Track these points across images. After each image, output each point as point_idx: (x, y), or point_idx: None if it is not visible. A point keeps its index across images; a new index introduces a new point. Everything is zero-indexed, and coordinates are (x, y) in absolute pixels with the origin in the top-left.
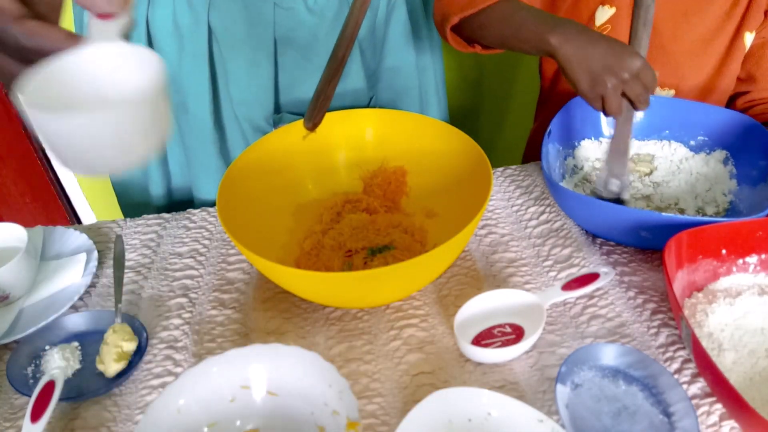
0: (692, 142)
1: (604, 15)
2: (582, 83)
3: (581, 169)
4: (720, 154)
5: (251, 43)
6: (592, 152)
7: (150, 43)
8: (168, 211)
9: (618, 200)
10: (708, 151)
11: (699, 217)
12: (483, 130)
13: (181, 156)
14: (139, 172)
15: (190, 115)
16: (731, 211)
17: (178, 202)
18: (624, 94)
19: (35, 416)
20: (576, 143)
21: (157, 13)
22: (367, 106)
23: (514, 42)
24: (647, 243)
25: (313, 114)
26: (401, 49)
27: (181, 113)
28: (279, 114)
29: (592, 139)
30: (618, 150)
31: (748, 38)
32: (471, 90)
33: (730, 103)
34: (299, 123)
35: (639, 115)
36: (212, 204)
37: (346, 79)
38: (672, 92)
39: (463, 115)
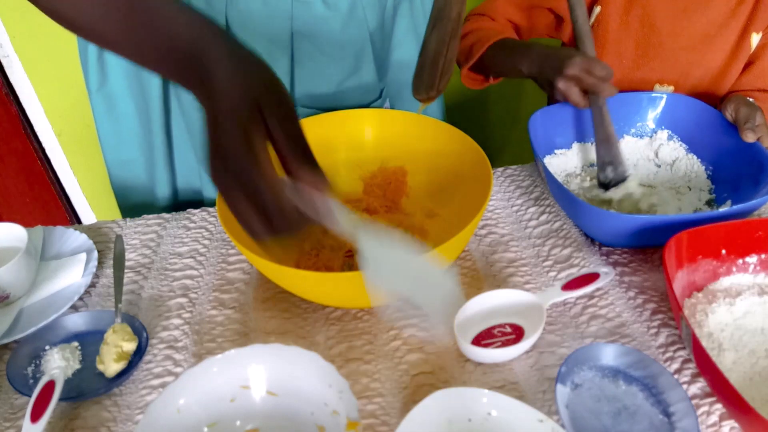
0: (633, 130)
1: (593, 14)
2: (551, 91)
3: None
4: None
5: (268, 37)
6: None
7: None
8: (170, 213)
9: (622, 182)
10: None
11: (698, 214)
12: (489, 129)
13: (190, 155)
14: (144, 175)
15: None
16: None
17: (185, 203)
18: (583, 89)
19: (35, 416)
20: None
21: None
22: (379, 97)
23: (508, 75)
24: (648, 243)
25: (435, 81)
26: (406, 43)
27: (195, 111)
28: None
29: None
30: (601, 139)
31: (755, 39)
32: (476, 90)
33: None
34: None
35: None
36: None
37: (359, 71)
38: (671, 88)
39: (468, 114)
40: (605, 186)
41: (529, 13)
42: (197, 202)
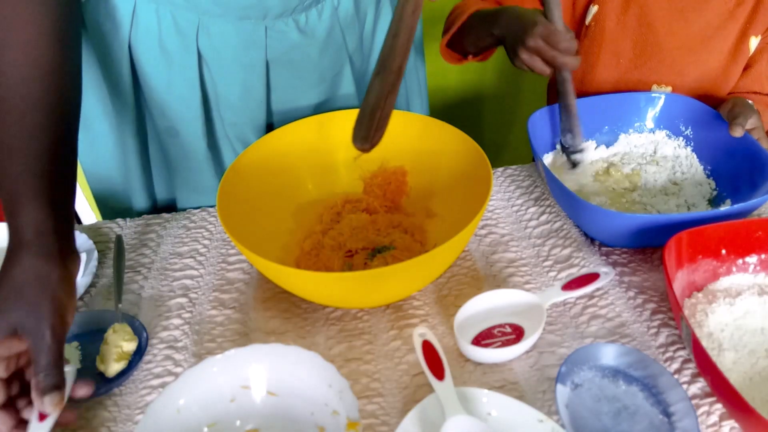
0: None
1: (590, 14)
2: (511, 58)
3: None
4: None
5: (243, 66)
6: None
7: (133, 69)
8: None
9: (576, 153)
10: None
11: (697, 213)
12: (489, 129)
13: (167, 177)
14: (122, 190)
15: (180, 139)
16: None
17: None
18: (545, 60)
19: (42, 415)
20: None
21: (140, 38)
22: None
23: (484, 42)
24: (647, 243)
25: (370, 134)
26: None
27: (169, 137)
28: (271, 130)
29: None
30: (563, 107)
31: (754, 42)
32: (474, 89)
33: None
34: (299, 122)
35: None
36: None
37: (337, 92)
38: (669, 89)
39: (468, 114)
40: (567, 153)
41: None
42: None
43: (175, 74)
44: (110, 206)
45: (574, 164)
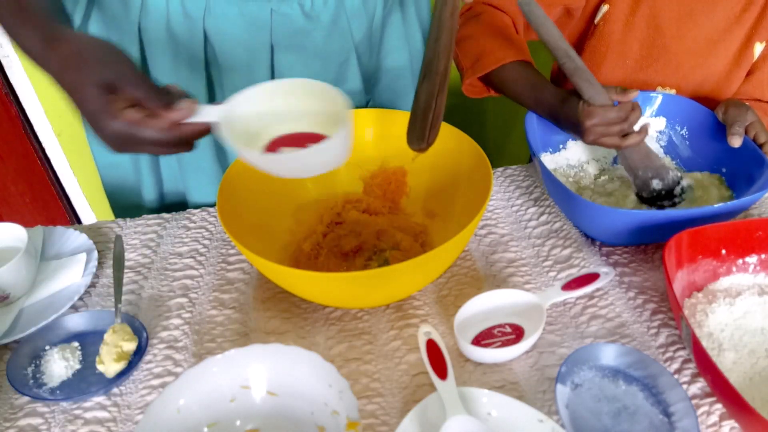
0: None
1: (600, 13)
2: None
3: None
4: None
5: (248, 48)
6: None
7: (142, 52)
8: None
9: (669, 194)
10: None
11: (695, 209)
12: (489, 129)
13: (173, 162)
14: (132, 177)
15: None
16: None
17: (171, 205)
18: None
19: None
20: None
21: (150, 21)
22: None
23: (530, 106)
24: (645, 240)
25: (425, 133)
26: (398, 51)
27: None
28: None
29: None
30: (635, 159)
31: (758, 48)
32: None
33: None
34: None
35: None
36: (209, 206)
37: (343, 82)
38: (673, 92)
39: (468, 114)
40: (642, 199)
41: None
42: (183, 204)
43: (181, 56)
44: (120, 203)
45: (683, 199)
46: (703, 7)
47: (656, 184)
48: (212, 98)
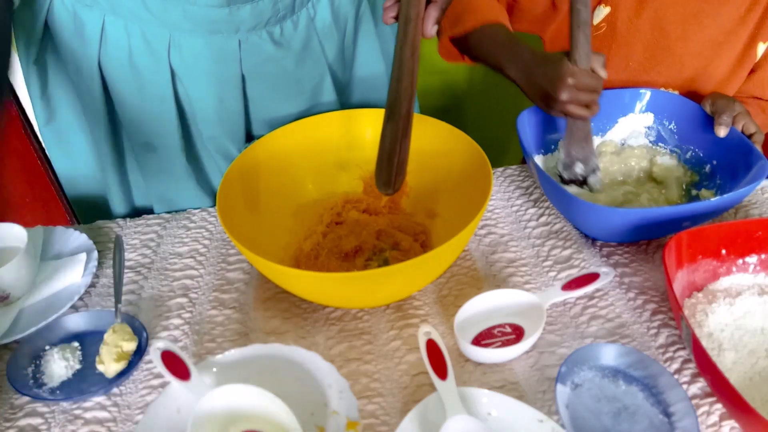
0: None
1: (600, 14)
2: (541, 108)
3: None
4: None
5: (218, 80)
6: None
7: (105, 89)
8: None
9: (583, 182)
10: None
11: (694, 204)
12: (489, 129)
13: (145, 190)
14: (102, 204)
15: (158, 154)
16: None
17: (142, 211)
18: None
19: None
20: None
21: (111, 57)
22: None
23: (503, 65)
24: (640, 237)
25: (392, 179)
26: (373, 61)
27: (146, 152)
28: (251, 141)
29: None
30: (578, 136)
31: (761, 48)
32: (475, 89)
33: None
34: (299, 123)
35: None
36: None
37: (318, 102)
38: (676, 92)
39: (468, 114)
40: (562, 180)
41: None
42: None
43: (147, 91)
44: (90, 214)
45: (591, 189)
46: (709, 9)
47: (579, 168)
48: (186, 133)
